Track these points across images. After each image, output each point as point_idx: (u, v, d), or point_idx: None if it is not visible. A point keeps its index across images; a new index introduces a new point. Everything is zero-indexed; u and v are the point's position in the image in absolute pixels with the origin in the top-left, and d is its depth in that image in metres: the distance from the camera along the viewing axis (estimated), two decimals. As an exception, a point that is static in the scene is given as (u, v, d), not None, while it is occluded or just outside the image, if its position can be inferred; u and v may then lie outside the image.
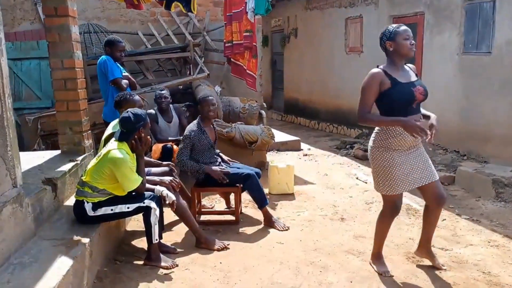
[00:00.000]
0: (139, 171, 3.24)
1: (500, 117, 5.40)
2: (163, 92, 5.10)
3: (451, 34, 6.06)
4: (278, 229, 4.01)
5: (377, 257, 3.26)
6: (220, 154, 4.43)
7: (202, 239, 3.64)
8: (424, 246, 3.27)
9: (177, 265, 3.28)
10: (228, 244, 3.66)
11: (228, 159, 4.45)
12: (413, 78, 2.96)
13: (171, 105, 5.21)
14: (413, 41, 2.91)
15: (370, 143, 3.04)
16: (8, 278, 2.39)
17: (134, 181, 3.12)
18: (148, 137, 3.30)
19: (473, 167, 5.37)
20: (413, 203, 4.74)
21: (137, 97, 3.87)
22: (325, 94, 9.58)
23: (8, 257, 2.58)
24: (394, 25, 2.98)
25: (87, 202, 3.12)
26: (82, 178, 3.21)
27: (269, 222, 4.10)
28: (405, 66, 3.03)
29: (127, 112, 3.23)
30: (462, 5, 5.86)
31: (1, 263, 2.51)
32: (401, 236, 3.87)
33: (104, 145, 3.46)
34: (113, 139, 3.28)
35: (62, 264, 2.58)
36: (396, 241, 3.76)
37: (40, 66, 6.31)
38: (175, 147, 4.72)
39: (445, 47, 6.18)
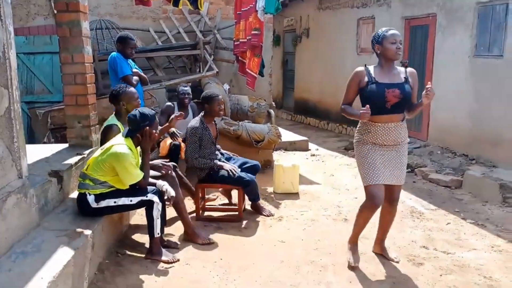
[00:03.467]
0: (143, 166, 3.28)
1: (511, 121, 5.33)
2: (186, 88, 5.17)
3: (463, 36, 5.99)
4: (264, 215, 4.32)
5: (352, 241, 3.40)
6: (221, 150, 4.49)
7: (189, 231, 3.69)
8: (378, 243, 3.52)
9: (178, 260, 3.32)
10: (213, 241, 3.66)
11: (233, 154, 4.52)
12: (398, 80, 3.07)
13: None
14: (400, 45, 3.07)
15: (354, 139, 3.30)
16: (10, 266, 2.44)
17: (134, 176, 3.16)
18: (155, 133, 3.33)
19: (481, 171, 5.30)
20: (418, 205, 4.71)
21: (132, 89, 3.88)
22: (336, 95, 9.50)
23: (11, 246, 2.64)
24: (383, 29, 3.13)
25: (89, 194, 3.16)
26: (83, 170, 3.26)
27: (257, 209, 4.40)
28: (399, 69, 3.17)
29: (135, 111, 3.29)
30: (474, 7, 5.79)
31: (4, 251, 2.56)
32: (403, 238, 3.85)
33: (103, 138, 3.56)
34: (120, 134, 3.34)
35: (64, 255, 2.62)
36: (398, 243, 3.74)
37: (53, 61, 6.40)
38: (182, 144, 4.76)
39: (457, 50, 6.12)
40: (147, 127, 3.21)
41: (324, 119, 10.20)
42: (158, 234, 3.29)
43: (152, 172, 3.53)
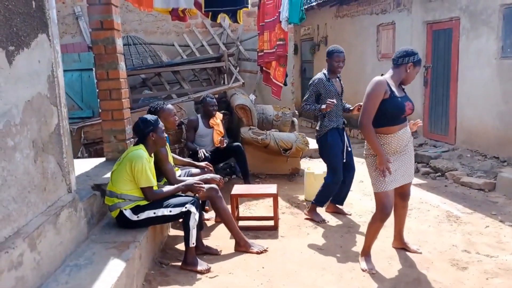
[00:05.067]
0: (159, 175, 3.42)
1: (542, 121, 5.27)
2: (214, 99, 5.29)
3: (489, 39, 5.96)
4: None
5: (365, 254, 3.41)
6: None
7: (241, 242, 3.69)
8: (397, 238, 3.68)
9: (210, 270, 3.31)
10: (267, 248, 3.70)
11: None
12: (403, 94, 3.23)
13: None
14: None
15: (364, 151, 3.32)
16: (66, 279, 2.50)
17: (148, 179, 3.20)
18: (165, 136, 3.42)
19: (515, 173, 5.24)
20: (453, 209, 4.67)
21: (170, 106, 4.01)
22: (356, 101, 9.37)
23: (65, 259, 2.71)
24: (417, 52, 3.20)
25: (125, 210, 3.22)
26: (108, 187, 3.31)
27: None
28: None
29: (138, 120, 3.39)
30: (499, 9, 5.77)
31: (59, 264, 2.63)
32: (443, 243, 3.82)
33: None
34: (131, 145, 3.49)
35: (116, 266, 2.68)
36: (439, 248, 3.71)
37: (82, 78, 6.55)
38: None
39: (482, 52, 6.09)
40: (152, 133, 3.30)
41: (345, 125, 10.15)
42: (194, 244, 3.32)
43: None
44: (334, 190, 4.40)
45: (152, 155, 3.46)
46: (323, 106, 4.14)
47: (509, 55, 5.70)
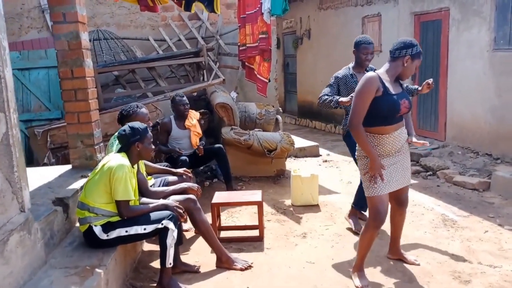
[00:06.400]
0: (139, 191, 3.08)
1: (538, 116, 5.04)
2: (184, 98, 4.86)
3: (480, 30, 5.70)
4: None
5: (358, 269, 3.09)
6: None
7: (223, 258, 3.35)
8: (393, 248, 3.37)
9: None
10: (252, 263, 3.37)
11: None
12: (401, 90, 2.94)
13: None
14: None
15: (356, 152, 3.05)
16: (16, 317, 2.12)
17: (127, 191, 2.83)
18: (152, 148, 3.06)
19: (510, 171, 5.01)
20: (449, 212, 4.41)
21: (144, 110, 3.61)
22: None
23: (16, 291, 2.32)
24: (417, 43, 2.88)
25: (95, 226, 2.85)
26: (80, 197, 2.94)
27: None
28: None
29: (125, 125, 3.03)
30: (491, -1, 5.51)
31: (8, 299, 2.24)
32: (442, 251, 3.53)
33: None
34: (112, 152, 3.12)
35: (76, 298, 2.30)
36: (438, 258, 3.43)
37: (49, 76, 6.08)
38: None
39: (474, 44, 5.83)
40: (139, 143, 2.94)
41: (330, 122, 9.90)
42: (171, 264, 2.96)
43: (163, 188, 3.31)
44: None
45: (135, 167, 3.08)
46: (342, 99, 3.65)
47: (502, 47, 5.45)
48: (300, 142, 7.62)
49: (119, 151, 3.00)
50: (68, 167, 4.05)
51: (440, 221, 4.19)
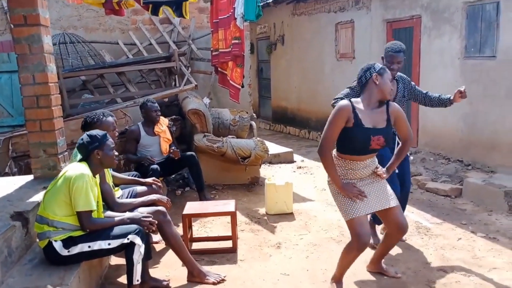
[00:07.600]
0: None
1: (508, 123, 5.11)
2: (155, 104, 4.71)
3: (451, 38, 5.77)
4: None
5: (337, 280, 3.04)
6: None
7: (195, 272, 3.22)
8: (375, 262, 3.27)
9: None
10: (225, 276, 3.25)
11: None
12: (380, 124, 2.78)
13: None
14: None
15: (327, 177, 2.94)
16: None
17: (88, 202, 2.68)
18: (114, 154, 2.91)
19: (481, 178, 5.06)
20: (422, 220, 4.40)
21: (110, 119, 3.45)
22: (316, 102, 9.24)
23: (-34, 317, 2.13)
24: (374, 63, 2.84)
25: (55, 241, 2.67)
26: (39, 211, 2.75)
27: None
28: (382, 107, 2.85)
29: (84, 134, 2.89)
30: (462, 7, 5.58)
31: (-44, 326, 2.05)
32: (417, 261, 3.51)
33: None
34: (74, 162, 2.96)
35: (33, 324, 2.13)
36: (412, 267, 3.39)
37: (12, 81, 5.79)
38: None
39: (445, 52, 5.90)
40: (98, 150, 2.80)
41: (304, 127, 9.88)
42: (138, 281, 2.80)
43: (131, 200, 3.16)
44: None
45: (97, 177, 2.91)
46: None
47: (472, 55, 5.53)
48: (274, 148, 7.54)
49: (80, 160, 2.85)
50: (30, 177, 3.83)
51: (414, 228, 4.17)
